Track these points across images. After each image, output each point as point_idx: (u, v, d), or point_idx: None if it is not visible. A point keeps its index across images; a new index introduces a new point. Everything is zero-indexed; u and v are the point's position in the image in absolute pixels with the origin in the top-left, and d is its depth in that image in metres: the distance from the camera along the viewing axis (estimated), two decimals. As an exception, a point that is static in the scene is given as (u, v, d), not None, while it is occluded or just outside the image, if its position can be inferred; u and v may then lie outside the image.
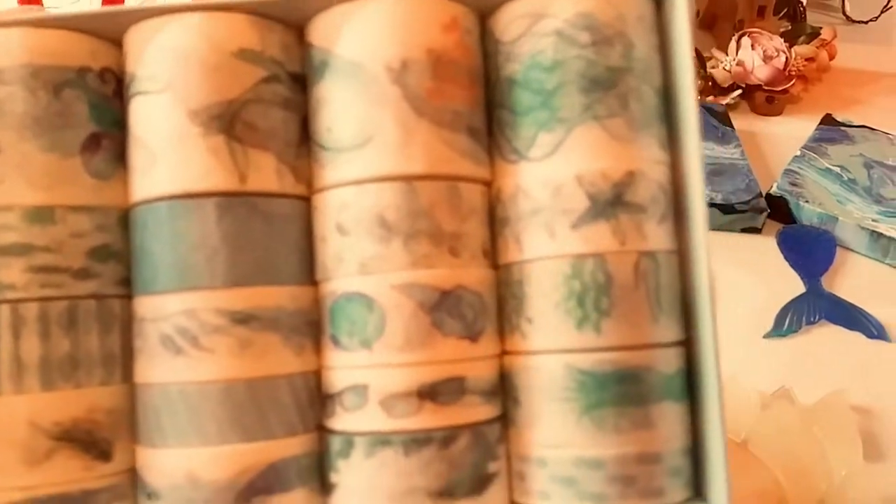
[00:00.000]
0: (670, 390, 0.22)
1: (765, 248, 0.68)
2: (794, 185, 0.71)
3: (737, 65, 0.84)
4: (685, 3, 0.21)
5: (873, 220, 0.67)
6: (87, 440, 0.22)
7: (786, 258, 0.67)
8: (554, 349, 0.22)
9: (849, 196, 0.70)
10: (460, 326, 0.22)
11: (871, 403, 0.55)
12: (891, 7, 0.98)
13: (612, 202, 0.22)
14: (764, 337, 0.61)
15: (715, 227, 0.69)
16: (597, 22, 0.22)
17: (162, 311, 0.22)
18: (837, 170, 0.73)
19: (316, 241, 0.23)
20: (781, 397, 0.54)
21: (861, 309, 0.63)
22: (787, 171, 0.73)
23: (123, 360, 0.23)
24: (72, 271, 0.22)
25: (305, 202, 0.23)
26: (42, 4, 0.70)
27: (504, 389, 0.23)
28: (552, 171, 0.22)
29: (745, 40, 0.85)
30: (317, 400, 0.23)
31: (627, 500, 0.22)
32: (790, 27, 0.90)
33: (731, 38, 0.87)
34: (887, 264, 0.67)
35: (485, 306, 0.23)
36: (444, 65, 0.22)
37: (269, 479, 0.22)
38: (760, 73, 0.83)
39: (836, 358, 0.60)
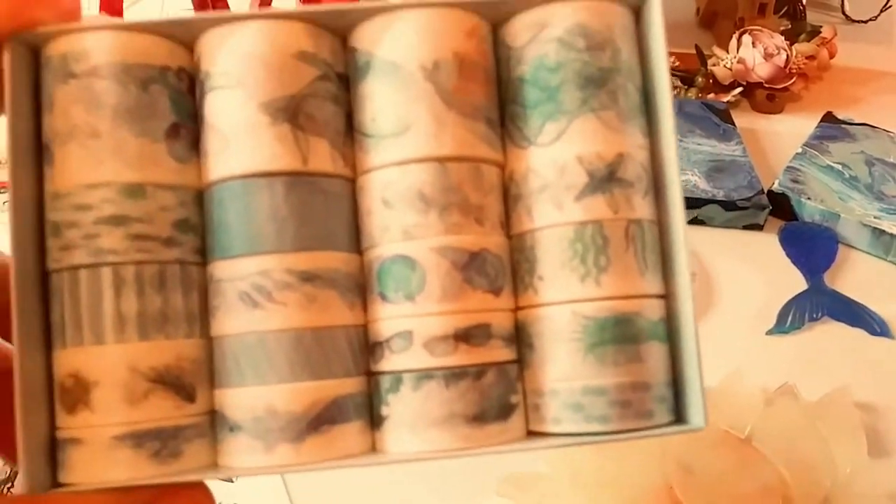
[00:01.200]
0: (656, 333, 0.31)
1: (767, 245, 0.74)
2: (795, 182, 0.77)
3: (738, 62, 0.91)
4: (659, 19, 0.30)
5: (875, 217, 0.72)
6: (176, 384, 0.29)
7: (788, 255, 0.73)
8: (562, 300, 0.30)
9: (850, 193, 0.76)
10: (486, 282, 0.30)
11: (874, 400, 0.60)
12: (890, 7, 1.05)
13: (607, 178, 0.30)
14: (767, 334, 0.66)
15: (717, 223, 0.75)
16: (590, 31, 0.30)
17: (239, 272, 0.29)
18: (839, 167, 0.79)
19: (362, 216, 0.31)
20: (785, 394, 0.58)
21: (864, 306, 0.67)
22: (789, 168, 0.79)
23: (201, 319, 0.30)
24: (161, 239, 0.29)
25: (351, 183, 0.31)
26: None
27: (519, 338, 0.32)
28: (557, 154, 0.30)
29: (746, 38, 0.92)
30: (365, 349, 0.31)
31: (626, 420, 0.30)
32: (790, 25, 0.96)
33: (731, 36, 0.93)
34: (889, 261, 0.72)
35: (504, 267, 0.31)
36: (467, 65, 0.30)
37: (332, 412, 0.29)
38: (761, 70, 0.89)
39: (839, 355, 0.65)
